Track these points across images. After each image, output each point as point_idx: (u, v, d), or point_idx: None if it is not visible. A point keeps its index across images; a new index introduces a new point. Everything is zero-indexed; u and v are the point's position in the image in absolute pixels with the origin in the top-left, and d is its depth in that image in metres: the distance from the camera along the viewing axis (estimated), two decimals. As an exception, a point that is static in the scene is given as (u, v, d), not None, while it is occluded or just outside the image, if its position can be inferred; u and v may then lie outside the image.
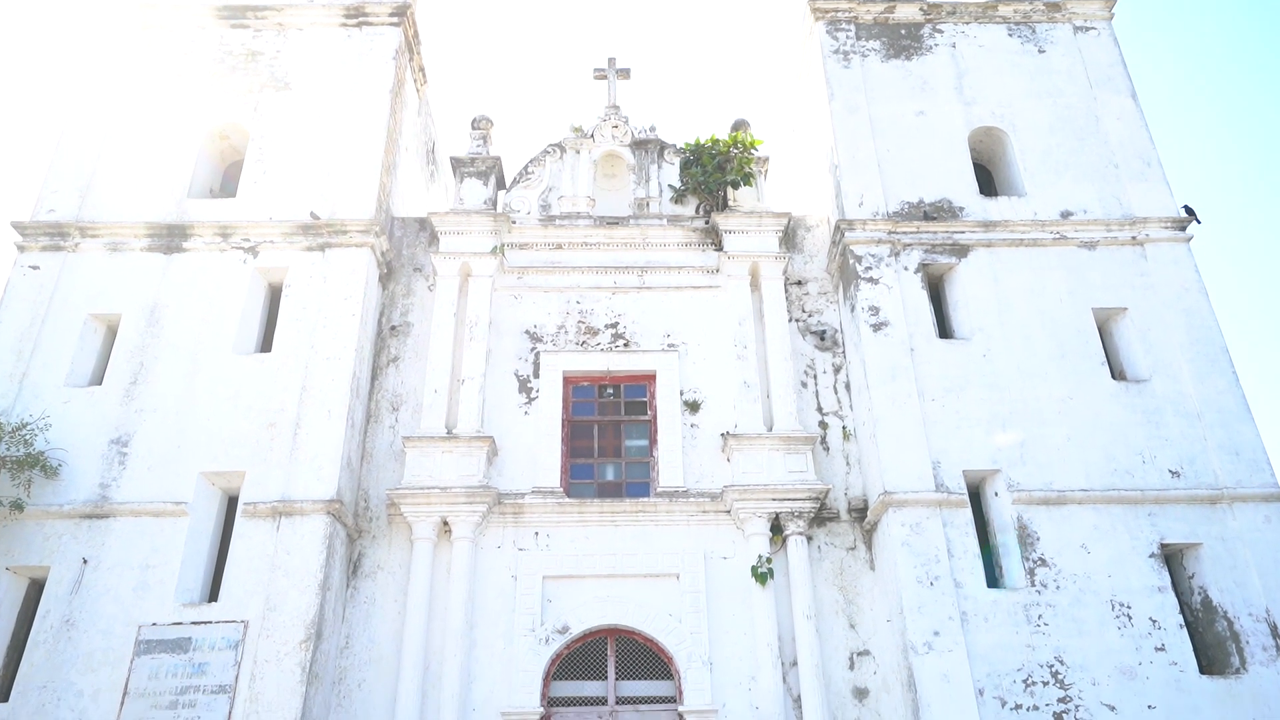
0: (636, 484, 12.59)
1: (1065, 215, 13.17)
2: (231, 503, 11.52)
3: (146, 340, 12.05)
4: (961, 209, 13.31)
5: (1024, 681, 10.20)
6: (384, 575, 11.68)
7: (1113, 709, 10.05)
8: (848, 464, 12.52)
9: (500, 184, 14.72)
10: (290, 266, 12.70)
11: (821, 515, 12.08)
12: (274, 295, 12.89)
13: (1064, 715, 10.01)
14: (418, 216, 14.48)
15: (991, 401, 11.82)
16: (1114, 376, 12.06)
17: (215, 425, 11.52)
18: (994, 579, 11.04)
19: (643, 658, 11.49)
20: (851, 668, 11.27)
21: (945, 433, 11.64)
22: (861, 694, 11.11)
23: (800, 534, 11.73)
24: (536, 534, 11.94)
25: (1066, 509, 11.14)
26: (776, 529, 11.85)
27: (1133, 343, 12.27)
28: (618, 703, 11.24)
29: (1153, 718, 9.99)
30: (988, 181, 14.25)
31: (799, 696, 10.99)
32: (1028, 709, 10.06)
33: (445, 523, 11.74)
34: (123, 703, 9.89)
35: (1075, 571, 10.78)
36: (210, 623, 10.35)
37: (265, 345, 12.38)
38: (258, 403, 11.70)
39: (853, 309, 12.71)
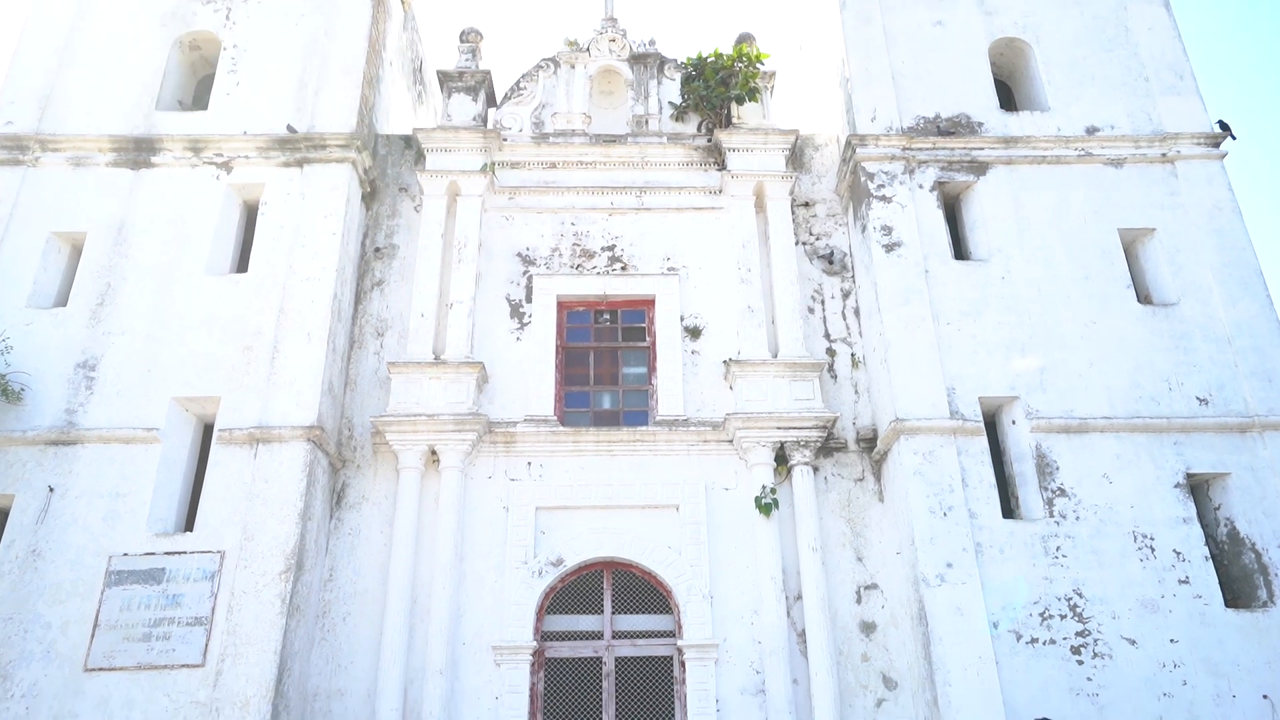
0: (634, 413, 12.00)
1: (1091, 131, 12.38)
2: (207, 430, 10.94)
3: (114, 260, 11.35)
4: (981, 124, 12.52)
5: (1040, 615, 9.71)
6: (369, 506, 11.14)
7: (1133, 643, 9.57)
8: (856, 392, 11.92)
9: (490, 101, 13.89)
10: (266, 183, 11.95)
11: (828, 445, 11.52)
12: (249, 214, 12.16)
13: (1082, 649, 9.54)
14: (403, 134, 13.67)
15: (1010, 326, 11.17)
16: (1140, 300, 11.39)
17: (188, 349, 10.88)
18: (1010, 510, 10.51)
19: (641, 591, 11.01)
20: (858, 602, 10.79)
21: (961, 358, 11.01)
22: (868, 628, 10.65)
23: (806, 464, 11.17)
24: (529, 464, 11.38)
25: (1088, 437, 10.55)
26: (781, 459, 11.29)
27: (1160, 265, 11.58)
28: (614, 637, 10.78)
29: (1175, 651, 9.52)
30: (1008, 97, 13.42)
31: (803, 631, 10.52)
32: (1044, 643, 9.59)
33: (433, 452, 11.17)
34: (93, 635, 9.40)
35: (1096, 502, 10.23)
36: (185, 553, 9.82)
37: (240, 266, 11.68)
38: (233, 325, 11.05)
39: (863, 230, 11.99)
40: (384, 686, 9.96)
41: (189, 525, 10.22)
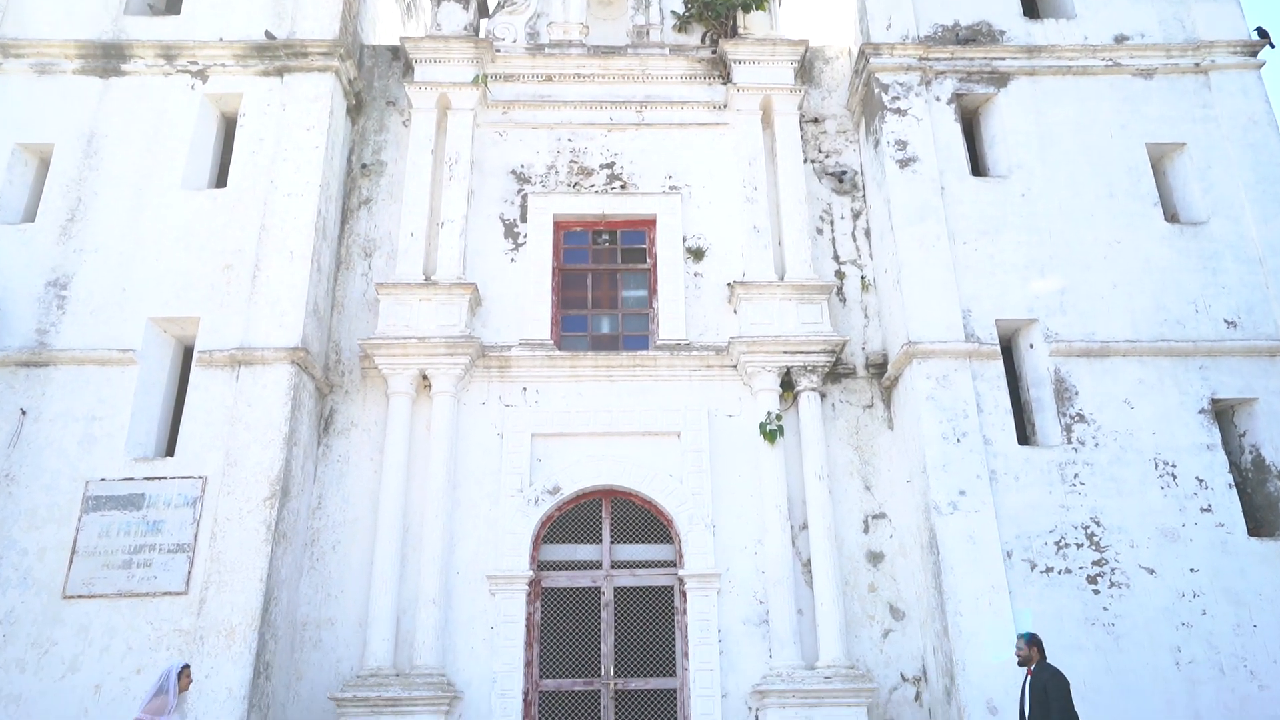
0: (634, 337, 11.51)
1: (1119, 40, 11.66)
2: (187, 353, 10.45)
3: (84, 173, 10.73)
4: (1002, 33, 11.79)
5: (1056, 544, 9.35)
6: (358, 433, 10.72)
7: (1151, 572, 9.23)
8: (866, 317, 11.41)
9: (483, 9, 13.14)
10: (245, 93, 11.27)
11: (837, 371, 11.05)
12: (228, 125, 11.51)
13: (1098, 578, 9.20)
14: (391, 45, 12.92)
15: (1030, 245, 10.62)
16: (1167, 218, 10.82)
17: (164, 267, 10.34)
18: (1025, 437, 10.09)
19: (640, 520, 10.65)
20: (866, 531, 10.43)
21: (977, 279, 10.48)
22: (876, 558, 10.31)
23: (813, 390, 10.72)
24: (525, 389, 10.93)
25: (1109, 361, 10.08)
26: (787, 385, 10.83)
27: (1190, 181, 10.98)
28: (613, 566, 10.45)
29: (1195, 580, 9.18)
30: (1032, 4, 12.61)
31: (809, 561, 10.18)
32: (1059, 572, 9.24)
33: (424, 377, 10.71)
34: (71, 561, 9.05)
35: (1116, 428, 9.80)
36: (165, 478, 9.42)
37: (219, 180, 11.07)
38: (212, 243, 10.49)
39: (876, 145, 11.36)
40: (375, 616, 9.65)
41: (170, 450, 9.80)
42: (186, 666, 7.52)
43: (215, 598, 8.94)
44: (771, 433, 10.45)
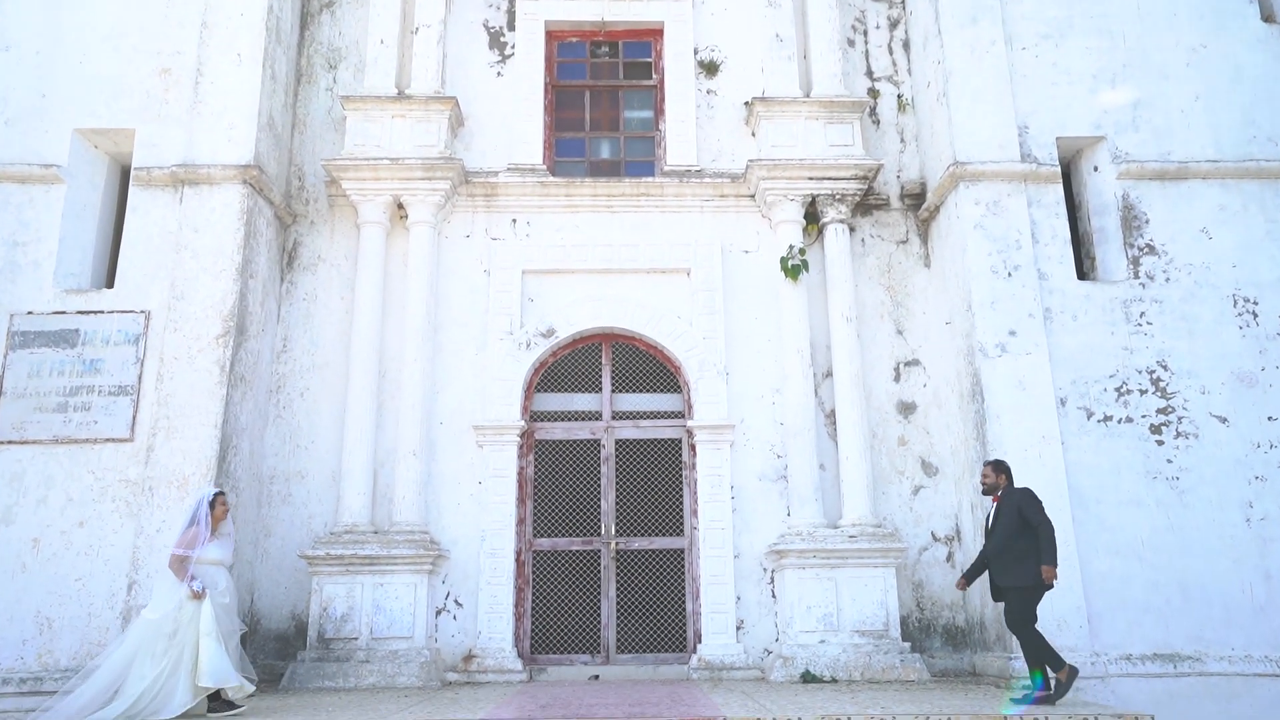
0: (638, 163, 10.14)
1: None
2: (125, 173, 9.10)
3: (-9, -41, 9.12)
4: None
5: (1117, 390, 8.26)
6: (326, 268, 9.49)
7: (1224, 420, 8.17)
8: (902, 141, 10.01)
9: None
10: None
11: (868, 201, 9.74)
12: (161, -93, 9.77)
13: (1163, 428, 8.15)
14: None
15: (1100, 51, 9.12)
16: (1263, 18, 9.26)
17: (91, 71, 8.87)
18: (1084, 272, 8.87)
19: (645, 367, 9.55)
20: (897, 379, 9.34)
21: (1037, 90, 9.04)
22: (907, 409, 9.26)
23: (841, 222, 9.43)
24: (514, 220, 9.64)
25: (1187, 185, 8.76)
26: (812, 217, 9.54)
27: (1291, -25, 9.37)
28: (614, 418, 9.40)
29: (1273, 430, 8.15)
30: None
31: (832, 412, 9.13)
32: (1119, 421, 8.18)
33: (399, 205, 9.41)
34: (-2, 404, 7.96)
35: (1190, 261, 8.57)
36: (102, 313, 8.24)
37: (152, -30, 9.45)
38: (145, 43, 8.98)
39: (923, -65, 9.68)
40: (350, 468, 8.65)
41: (109, 282, 8.59)
42: (220, 494, 6.83)
43: (165, 445, 7.90)
44: (794, 268, 9.22)
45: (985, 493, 7.00)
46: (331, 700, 6.93)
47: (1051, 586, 6.55)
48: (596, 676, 8.59)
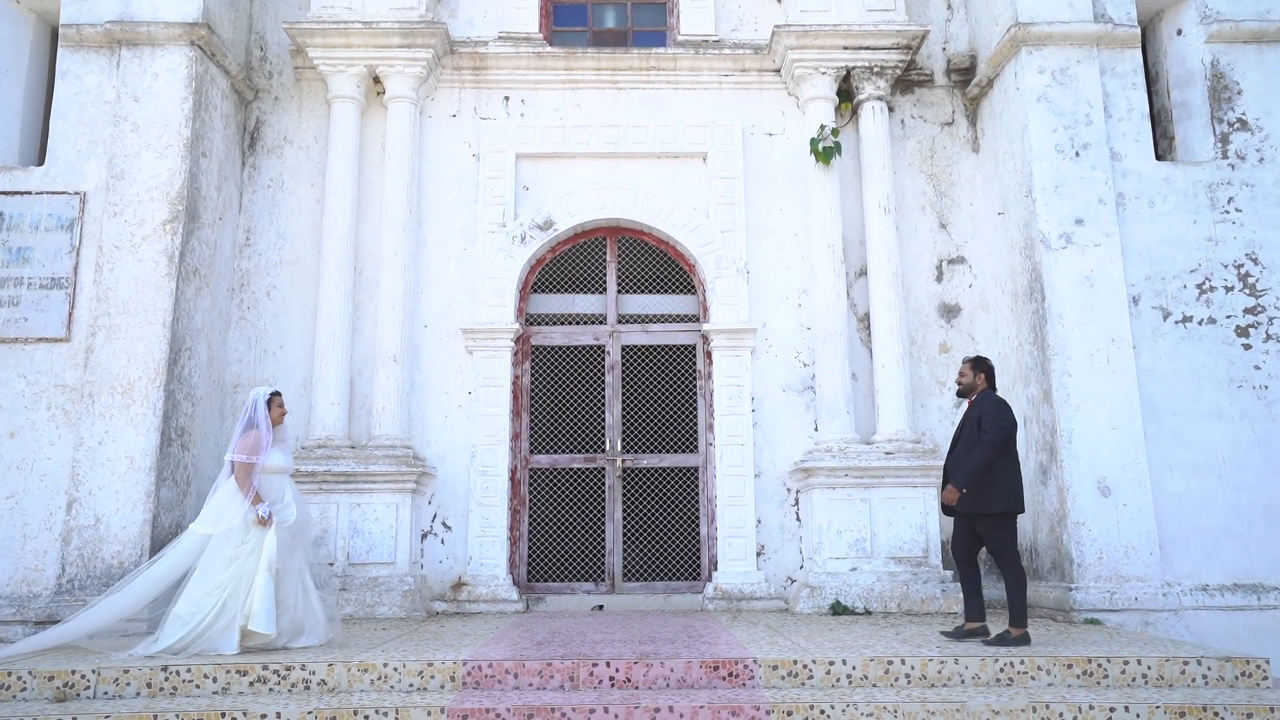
0: (647, 33, 8.92)
1: None
2: (55, 35, 7.90)
3: None
4: None
5: (1198, 286, 7.19)
6: (294, 151, 8.36)
7: (1321, 323, 7.12)
8: (949, 8, 8.77)
9: None
10: None
11: (909, 77, 8.55)
12: None
13: (1251, 330, 7.11)
14: None
15: (1188, -108, 7.81)
16: None
17: (10, -88, 7.61)
18: (1162, 153, 7.72)
19: (655, 264, 8.50)
20: (939, 279, 8.28)
21: (1113, -61, 7.75)
22: (950, 312, 8.22)
23: (879, 99, 8.25)
24: (507, 98, 8.47)
25: (1286, 50, 7.56)
26: (845, 95, 8.37)
27: None
28: (620, 321, 8.38)
29: (1378, 335, 7.09)
30: None
31: (866, 315, 8.10)
32: (1200, 322, 7.13)
33: (375, 78, 8.23)
34: (-87, 299, 6.93)
35: (1288, 138, 7.42)
36: (29, 194, 7.14)
37: None
38: (72, -121, 7.68)
39: None
40: (323, 376, 7.66)
41: (39, 159, 7.48)
42: (276, 394, 5.75)
43: (106, 346, 6.89)
44: (826, 151, 8.07)
45: (960, 394, 5.82)
46: (298, 633, 6.04)
47: (948, 512, 5.62)
48: (601, 607, 7.74)
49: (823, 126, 8.13)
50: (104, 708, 4.29)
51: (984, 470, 5.36)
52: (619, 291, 8.43)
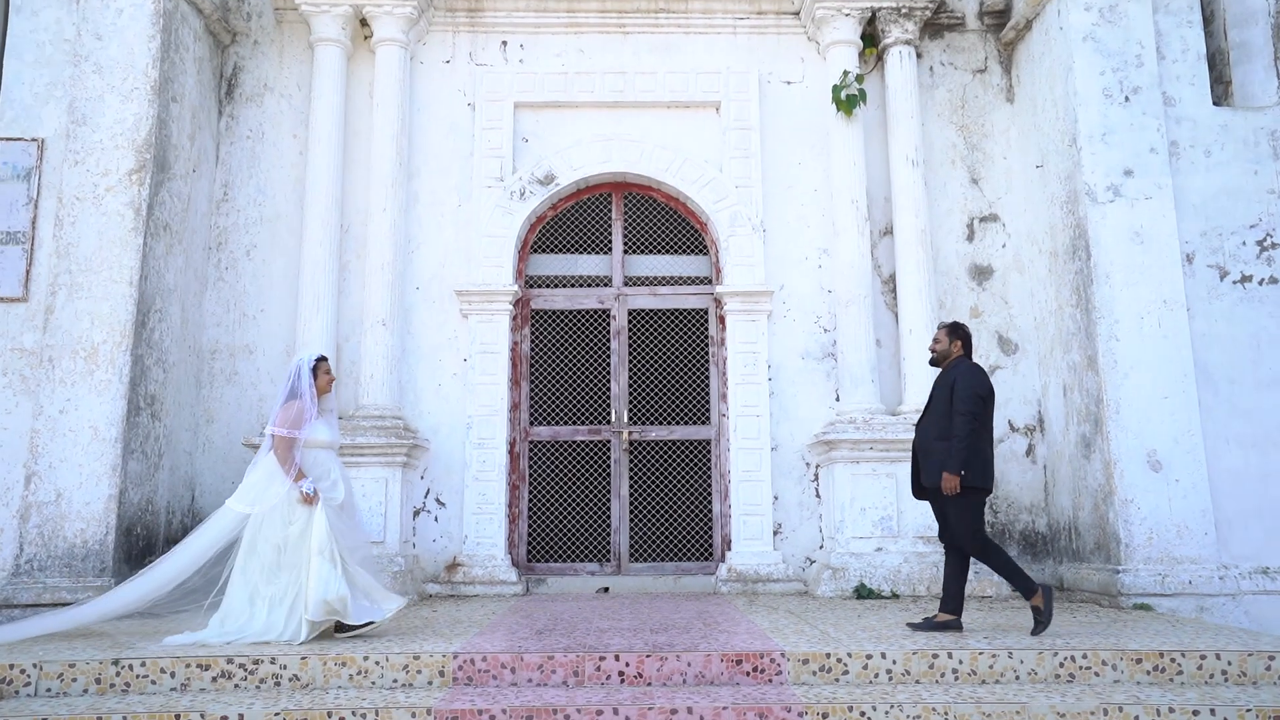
0: (656, -27, 8.26)
1: None
2: (13, -31, 7.28)
3: None
4: None
5: (1259, 243, 6.60)
6: (274, 99, 7.75)
7: (1393, 283, 6.53)
8: (983, -54, 8.11)
9: None
10: None
11: (939, 20, 7.92)
12: None
13: (1315, 291, 6.52)
14: None
15: None
16: None
17: None
18: (1219, 98, 7.10)
19: (664, 222, 7.92)
20: (970, 238, 7.70)
21: None
22: (982, 274, 7.64)
23: (907, 43, 7.63)
24: (504, 43, 7.85)
25: (1356, -15, 6.91)
26: (870, 40, 7.75)
27: None
28: (627, 283, 7.80)
29: None
30: None
31: (892, 276, 7.52)
32: (1261, 281, 6.55)
33: (362, 21, 7.62)
34: None
35: (1357, 82, 6.79)
36: (-17, 141, 6.55)
37: None
38: None
39: None
40: (306, 341, 7.06)
41: (-7, 107, 6.88)
42: (323, 359, 5.06)
43: (68, 306, 6.32)
44: (849, 99, 7.45)
45: (933, 363, 5.26)
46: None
47: (919, 496, 5.16)
48: (606, 589, 7.22)
49: (846, 73, 7.51)
50: (41, 708, 3.76)
51: (968, 443, 4.79)
52: (625, 252, 7.84)
